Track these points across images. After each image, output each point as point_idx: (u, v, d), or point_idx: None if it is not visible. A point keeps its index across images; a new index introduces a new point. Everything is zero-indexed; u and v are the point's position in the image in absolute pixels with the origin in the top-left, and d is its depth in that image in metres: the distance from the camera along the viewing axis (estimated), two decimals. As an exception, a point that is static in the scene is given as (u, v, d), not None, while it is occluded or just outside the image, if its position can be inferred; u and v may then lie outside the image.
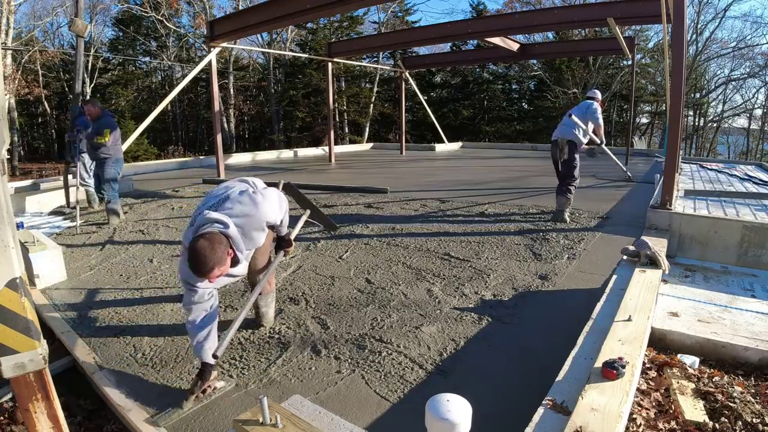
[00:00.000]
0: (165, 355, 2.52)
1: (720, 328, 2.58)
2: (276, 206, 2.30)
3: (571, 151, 5.14)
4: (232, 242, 1.99)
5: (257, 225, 2.15)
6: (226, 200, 2.16)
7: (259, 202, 2.16)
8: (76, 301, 3.25)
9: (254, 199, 2.16)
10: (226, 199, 2.16)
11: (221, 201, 2.17)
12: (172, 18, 25.42)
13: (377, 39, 13.80)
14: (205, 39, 9.34)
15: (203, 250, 1.85)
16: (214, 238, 1.90)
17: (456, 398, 1.15)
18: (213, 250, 1.86)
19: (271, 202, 2.25)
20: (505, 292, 3.25)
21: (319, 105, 25.29)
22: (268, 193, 2.32)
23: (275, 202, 2.30)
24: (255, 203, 2.15)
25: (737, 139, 28.24)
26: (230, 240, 1.98)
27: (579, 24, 10.00)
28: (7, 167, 1.53)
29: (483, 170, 10.29)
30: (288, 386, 2.20)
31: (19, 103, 21.54)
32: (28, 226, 5.22)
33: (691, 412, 1.93)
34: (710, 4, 23.69)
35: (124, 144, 9.11)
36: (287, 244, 2.62)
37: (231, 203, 2.13)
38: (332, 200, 6.56)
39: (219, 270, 1.90)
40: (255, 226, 2.14)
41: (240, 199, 2.15)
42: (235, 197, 2.16)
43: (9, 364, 1.42)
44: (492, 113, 27.96)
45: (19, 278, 1.40)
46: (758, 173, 7.97)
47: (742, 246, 3.74)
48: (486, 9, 27.47)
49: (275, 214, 2.28)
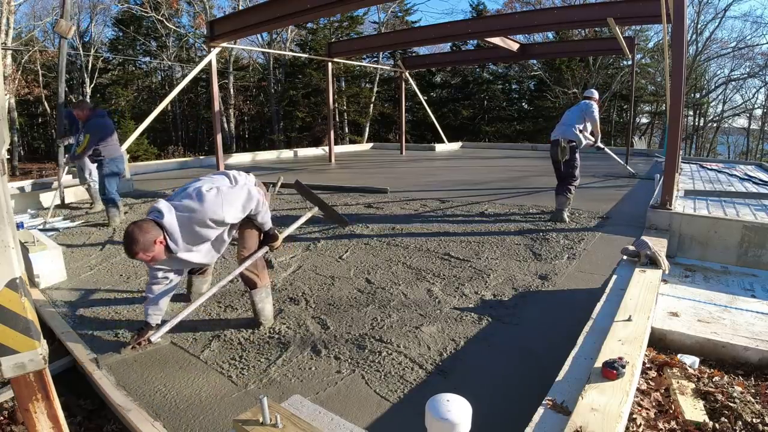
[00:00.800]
0: (166, 354, 2.52)
1: (720, 328, 2.58)
2: (233, 207, 2.31)
3: (573, 151, 5.13)
4: (165, 232, 2.13)
5: (200, 221, 2.22)
6: (182, 191, 2.28)
7: (207, 200, 2.21)
8: (76, 301, 3.25)
9: (202, 197, 2.21)
10: (184, 191, 2.29)
11: (180, 191, 2.30)
12: (172, 18, 25.41)
13: (377, 39, 13.79)
14: (205, 39, 9.34)
15: (130, 235, 2.08)
16: (143, 226, 2.10)
17: (456, 398, 1.15)
18: (139, 236, 2.07)
19: (227, 202, 2.28)
20: (505, 292, 3.25)
21: (319, 105, 25.29)
22: (231, 193, 2.33)
23: (235, 202, 2.33)
24: (201, 201, 2.21)
25: (737, 139, 28.25)
26: (164, 230, 2.13)
27: (579, 24, 10.01)
28: (7, 167, 1.53)
29: (483, 170, 10.29)
30: (288, 386, 2.20)
31: (19, 103, 21.54)
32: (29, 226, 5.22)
33: (691, 412, 1.93)
34: (710, 4, 23.73)
35: (124, 144, 9.13)
36: (271, 239, 2.66)
37: (183, 196, 2.25)
38: (332, 200, 6.56)
39: (145, 255, 2.11)
40: (198, 222, 2.21)
41: (191, 194, 2.23)
42: (190, 191, 2.25)
43: (9, 364, 1.41)
44: (492, 113, 27.96)
45: (19, 278, 1.40)
46: (758, 173, 7.97)
47: (742, 246, 3.74)
48: (486, 9, 27.49)
49: (227, 214, 2.28)
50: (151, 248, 2.12)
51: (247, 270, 2.65)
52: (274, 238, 2.68)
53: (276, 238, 2.68)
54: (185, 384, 2.24)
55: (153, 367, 2.40)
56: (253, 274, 2.69)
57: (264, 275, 2.76)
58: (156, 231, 2.13)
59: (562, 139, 5.13)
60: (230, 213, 2.31)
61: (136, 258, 2.14)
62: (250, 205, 2.43)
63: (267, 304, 2.79)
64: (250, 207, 2.44)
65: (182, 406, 2.08)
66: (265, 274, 2.79)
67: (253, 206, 2.45)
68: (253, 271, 2.68)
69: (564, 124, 5.25)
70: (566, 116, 5.37)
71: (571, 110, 5.43)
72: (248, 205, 2.42)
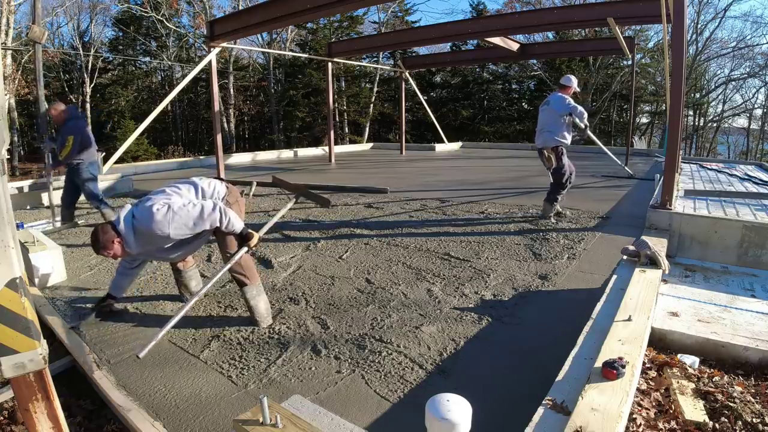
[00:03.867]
0: (165, 354, 2.52)
1: (720, 328, 2.58)
2: (180, 226, 2.47)
3: (558, 157, 4.97)
4: (121, 236, 2.45)
5: (148, 233, 2.46)
6: (144, 202, 2.53)
7: (156, 219, 2.42)
8: (77, 302, 3.25)
9: (151, 215, 2.43)
10: (145, 200, 2.55)
11: (143, 200, 2.57)
12: (172, 18, 25.39)
13: (377, 39, 13.79)
14: (205, 39, 9.34)
15: (94, 235, 2.47)
16: (104, 228, 2.46)
17: (456, 398, 1.15)
18: (100, 237, 2.44)
19: (174, 221, 2.45)
20: (505, 292, 3.25)
21: (319, 105, 25.28)
22: (181, 212, 2.48)
23: (184, 221, 2.48)
24: (150, 217, 2.43)
25: (737, 139, 28.25)
26: (119, 234, 2.45)
27: (579, 24, 10.01)
28: (7, 167, 1.53)
29: (483, 170, 10.29)
30: (288, 386, 2.20)
31: (19, 103, 21.52)
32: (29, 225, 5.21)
33: (691, 412, 1.93)
34: (710, 4, 23.76)
35: (124, 144, 9.14)
36: (246, 239, 2.71)
37: (140, 209, 2.50)
38: (332, 200, 6.55)
39: (106, 252, 2.46)
40: (146, 233, 2.46)
41: (145, 207, 2.48)
42: (146, 207, 2.48)
43: (9, 364, 1.41)
44: (492, 113, 27.95)
45: (19, 278, 1.40)
46: (758, 173, 7.96)
47: (742, 246, 3.74)
48: (486, 9, 27.48)
49: (172, 231, 2.46)
50: (110, 246, 2.46)
51: (233, 270, 2.74)
52: (248, 238, 2.72)
53: (251, 237, 2.73)
54: (185, 384, 2.24)
55: (153, 367, 2.40)
56: (239, 273, 2.75)
57: (252, 273, 2.80)
58: (113, 233, 2.45)
59: (545, 149, 4.96)
60: (176, 231, 2.48)
61: (100, 254, 2.49)
62: (201, 224, 2.53)
63: (260, 301, 2.81)
64: (202, 226, 2.54)
65: (182, 406, 2.08)
66: (254, 272, 2.83)
67: (206, 225, 2.55)
68: (238, 270, 2.74)
69: (544, 130, 4.99)
70: (543, 119, 5.03)
71: (546, 111, 5.05)
72: (199, 224, 2.53)
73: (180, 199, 2.57)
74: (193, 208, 2.52)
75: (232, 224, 2.63)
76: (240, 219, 2.71)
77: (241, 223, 2.69)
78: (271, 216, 3.32)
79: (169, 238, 2.50)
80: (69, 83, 26.14)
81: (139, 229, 2.46)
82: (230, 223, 2.62)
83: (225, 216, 2.59)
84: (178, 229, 2.47)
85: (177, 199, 2.56)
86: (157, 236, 2.46)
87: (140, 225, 2.46)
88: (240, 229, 2.67)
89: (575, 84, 5.13)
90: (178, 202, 2.53)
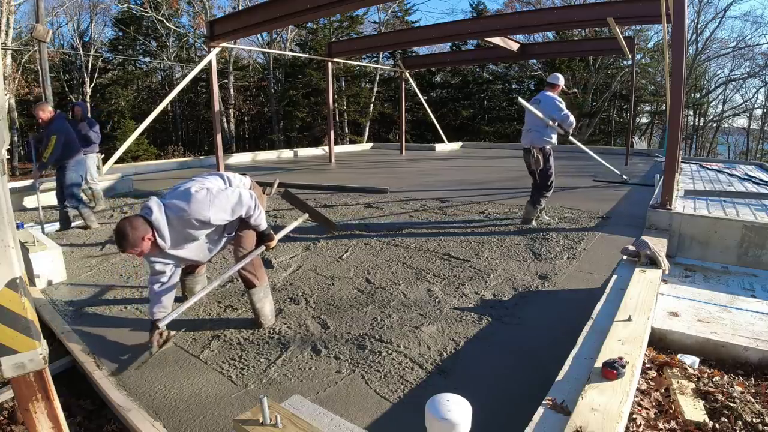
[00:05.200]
0: (166, 354, 2.52)
1: (720, 328, 2.58)
2: (220, 209, 2.34)
3: (545, 158, 4.84)
4: (154, 228, 2.21)
5: (187, 221, 2.28)
6: (174, 190, 2.34)
7: (195, 200, 2.26)
8: (76, 301, 3.25)
9: (190, 197, 2.27)
10: (175, 190, 2.35)
11: (172, 190, 2.36)
12: (172, 18, 25.39)
13: (377, 39, 13.79)
14: (205, 39, 9.35)
15: (121, 231, 2.16)
16: (134, 223, 2.17)
17: (456, 398, 1.15)
18: (129, 232, 2.15)
19: (215, 204, 2.32)
20: (505, 292, 3.25)
21: (319, 105, 25.28)
22: (221, 195, 2.37)
23: (224, 205, 2.37)
24: (189, 201, 2.26)
25: (737, 139, 28.25)
26: (152, 226, 2.20)
27: (579, 24, 10.00)
28: (7, 167, 1.53)
29: (483, 170, 10.29)
30: (288, 386, 2.20)
31: (19, 103, 21.51)
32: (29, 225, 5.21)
33: (691, 412, 1.93)
34: (710, 4, 23.78)
35: (124, 144, 9.14)
36: (267, 239, 2.71)
37: (173, 195, 2.32)
38: (332, 200, 6.56)
39: (134, 250, 2.19)
40: (185, 221, 2.28)
41: (180, 193, 2.31)
42: (180, 191, 2.33)
43: (9, 364, 1.41)
44: (492, 113, 27.95)
45: (19, 278, 1.40)
46: (758, 173, 7.96)
47: (742, 246, 3.74)
48: (486, 9, 27.46)
49: (213, 215, 2.32)
50: (139, 244, 2.20)
51: (244, 270, 2.68)
52: (269, 239, 2.71)
53: (272, 238, 2.73)
54: (185, 384, 2.24)
55: (153, 367, 2.40)
56: (250, 273, 2.70)
57: (262, 274, 2.76)
58: (145, 228, 2.20)
59: (533, 148, 4.84)
60: (216, 215, 2.35)
61: (125, 252, 2.22)
62: (239, 209, 2.46)
63: (266, 303, 2.79)
64: (239, 211, 2.47)
65: (182, 406, 2.08)
66: (263, 274, 2.79)
67: (243, 210, 2.48)
68: (250, 270, 2.69)
69: (532, 130, 4.88)
70: (530, 118, 4.92)
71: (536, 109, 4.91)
72: (238, 209, 2.45)
73: (218, 185, 2.51)
74: (232, 193, 2.44)
75: (261, 218, 2.60)
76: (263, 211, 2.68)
77: (266, 221, 2.67)
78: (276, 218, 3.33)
79: (208, 225, 2.36)
80: (69, 83, 26.13)
81: (174, 218, 2.27)
82: (260, 216, 2.58)
83: (257, 207, 2.54)
84: (218, 212, 2.34)
85: (214, 183, 2.50)
86: (194, 222, 2.30)
87: (177, 211, 2.27)
88: (264, 227, 2.64)
89: (563, 82, 5.03)
90: (215, 185, 2.48)
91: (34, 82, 22.73)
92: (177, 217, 2.28)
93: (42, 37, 5.21)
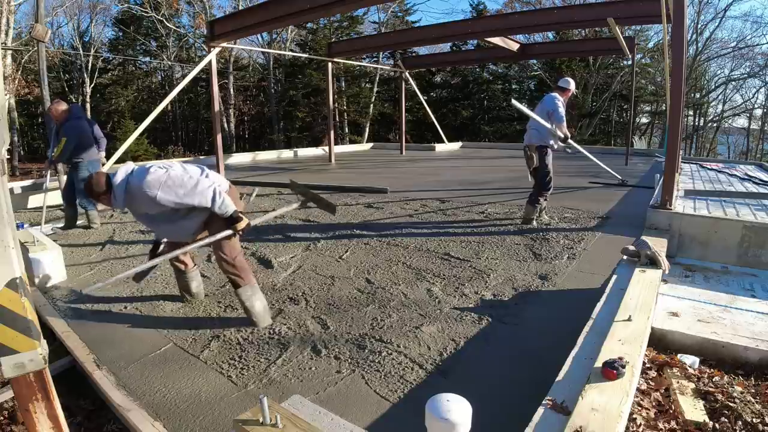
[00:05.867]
0: (165, 354, 2.52)
1: (720, 328, 2.58)
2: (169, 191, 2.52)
3: (542, 157, 4.86)
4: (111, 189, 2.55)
5: (141, 193, 2.51)
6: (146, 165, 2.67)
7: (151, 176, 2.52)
8: (77, 301, 3.25)
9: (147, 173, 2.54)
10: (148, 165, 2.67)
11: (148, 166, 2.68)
12: (172, 18, 25.41)
13: (377, 39, 13.80)
14: (205, 39, 9.35)
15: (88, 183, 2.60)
16: (98, 179, 2.57)
17: (456, 398, 1.15)
18: (92, 186, 2.57)
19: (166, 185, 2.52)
20: (505, 292, 3.25)
21: (319, 105, 25.27)
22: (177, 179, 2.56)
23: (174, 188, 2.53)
24: (145, 176, 2.52)
25: (737, 139, 28.24)
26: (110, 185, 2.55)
27: (579, 24, 10.01)
28: (7, 167, 1.53)
29: (483, 170, 10.30)
30: (288, 386, 2.20)
31: (19, 103, 21.52)
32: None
33: (691, 412, 1.93)
34: (710, 4, 23.74)
35: (124, 144, 9.13)
36: (234, 221, 2.71)
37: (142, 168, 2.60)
38: (332, 200, 6.53)
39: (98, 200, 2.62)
40: (139, 193, 2.52)
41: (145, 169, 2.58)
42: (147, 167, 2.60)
43: (9, 364, 1.42)
44: (492, 113, 27.95)
45: (19, 278, 1.40)
46: (758, 173, 7.96)
47: (742, 246, 3.74)
48: (486, 9, 27.45)
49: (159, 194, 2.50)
50: (98, 198, 2.61)
51: (228, 272, 2.76)
52: (236, 221, 2.70)
53: (239, 220, 2.71)
54: (185, 384, 2.24)
55: (153, 367, 2.40)
56: (233, 274, 2.75)
57: (246, 274, 2.79)
58: (105, 186, 2.56)
59: (530, 146, 4.87)
60: (164, 195, 2.52)
61: (90, 198, 2.79)
62: (190, 198, 2.56)
63: (255, 301, 2.79)
64: (190, 200, 2.56)
65: (182, 406, 2.08)
66: (248, 273, 2.81)
67: (195, 200, 2.57)
68: (232, 271, 2.75)
69: (532, 128, 4.93)
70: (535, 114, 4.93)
71: (538, 108, 5.01)
72: (188, 198, 2.56)
73: (181, 171, 2.63)
74: (189, 179, 2.58)
75: (226, 206, 2.65)
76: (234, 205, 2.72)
77: (234, 207, 2.69)
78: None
79: (154, 202, 2.52)
80: (69, 83, 26.15)
81: (130, 187, 2.53)
82: (224, 203, 2.64)
83: (219, 196, 2.62)
84: (166, 193, 2.50)
85: (178, 169, 2.64)
86: (145, 196, 2.50)
87: (133, 182, 2.53)
88: (230, 212, 2.68)
89: (573, 87, 5.08)
90: (178, 171, 2.62)
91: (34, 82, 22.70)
92: (134, 187, 2.53)
93: (41, 37, 5.22)
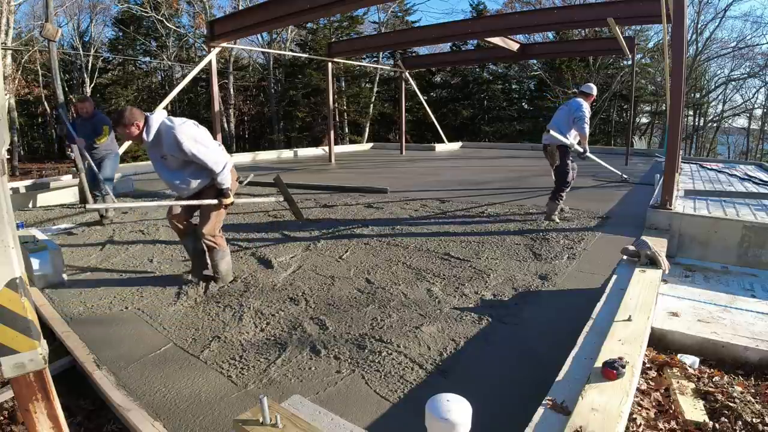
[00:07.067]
0: (165, 354, 2.52)
1: (720, 328, 2.58)
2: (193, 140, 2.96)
3: (563, 156, 5.04)
4: (147, 122, 2.93)
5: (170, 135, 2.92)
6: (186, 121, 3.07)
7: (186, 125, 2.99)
8: (77, 302, 3.25)
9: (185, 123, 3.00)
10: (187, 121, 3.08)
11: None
12: (172, 18, 25.41)
13: (377, 39, 13.80)
14: (205, 39, 9.36)
15: (122, 110, 2.96)
16: (134, 110, 2.96)
17: (456, 398, 1.15)
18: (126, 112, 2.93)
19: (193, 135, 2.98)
20: (505, 292, 3.25)
21: (319, 105, 25.29)
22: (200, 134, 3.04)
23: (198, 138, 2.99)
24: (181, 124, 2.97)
25: (737, 139, 28.24)
26: (147, 120, 2.93)
27: (579, 24, 10.02)
28: (7, 167, 1.53)
29: (483, 170, 10.30)
30: (288, 386, 2.20)
31: (19, 103, 21.54)
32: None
33: (691, 412, 1.93)
34: (710, 4, 23.74)
35: (124, 144, 9.14)
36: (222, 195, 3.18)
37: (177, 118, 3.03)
38: (332, 200, 6.57)
39: (123, 129, 2.92)
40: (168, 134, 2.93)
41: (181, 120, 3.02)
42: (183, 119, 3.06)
43: (9, 364, 1.41)
44: (492, 113, 27.96)
45: (19, 278, 1.40)
46: (758, 173, 7.96)
47: (742, 246, 3.74)
48: (486, 9, 27.48)
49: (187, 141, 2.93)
50: (130, 126, 2.91)
51: (206, 239, 3.29)
52: (224, 195, 3.18)
53: (227, 195, 3.18)
54: (185, 384, 2.24)
55: (153, 367, 2.40)
56: (211, 242, 3.31)
57: (221, 242, 3.36)
58: (141, 118, 2.93)
59: (551, 145, 5.04)
60: (189, 144, 2.94)
61: (116, 127, 3.00)
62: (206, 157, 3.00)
63: (222, 262, 3.35)
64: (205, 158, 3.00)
65: (182, 406, 2.08)
66: (223, 242, 3.37)
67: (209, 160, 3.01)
68: (211, 240, 3.30)
69: (553, 127, 5.09)
70: (557, 116, 5.20)
71: (562, 110, 5.25)
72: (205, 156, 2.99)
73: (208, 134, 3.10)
74: (212, 143, 3.07)
75: (225, 178, 3.12)
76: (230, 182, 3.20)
77: (229, 183, 3.15)
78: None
79: (179, 147, 2.91)
80: (69, 83, 26.11)
81: (165, 126, 2.93)
82: (225, 175, 3.11)
83: (226, 168, 3.08)
84: (191, 144, 2.93)
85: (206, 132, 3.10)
86: (173, 138, 2.90)
87: (169, 123, 2.94)
88: (225, 187, 3.14)
89: (595, 92, 5.36)
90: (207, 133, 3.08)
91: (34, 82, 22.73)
92: (168, 127, 2.92)
93: (51, 36, 5.30)
